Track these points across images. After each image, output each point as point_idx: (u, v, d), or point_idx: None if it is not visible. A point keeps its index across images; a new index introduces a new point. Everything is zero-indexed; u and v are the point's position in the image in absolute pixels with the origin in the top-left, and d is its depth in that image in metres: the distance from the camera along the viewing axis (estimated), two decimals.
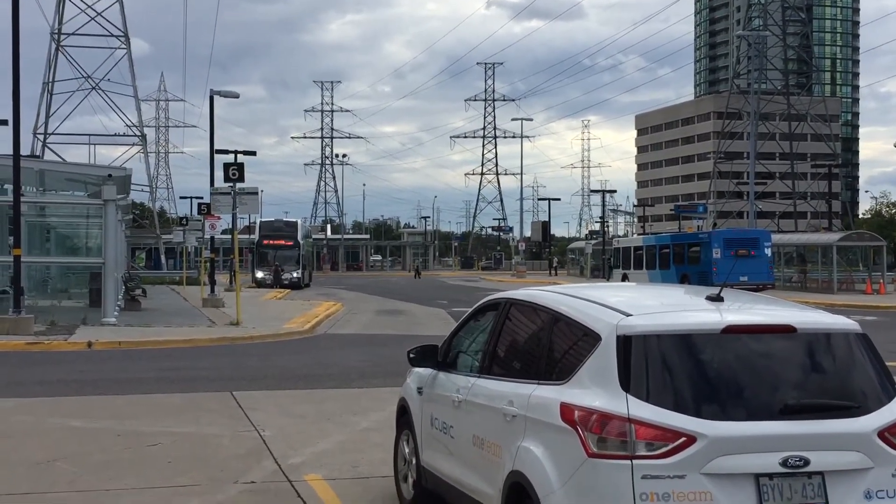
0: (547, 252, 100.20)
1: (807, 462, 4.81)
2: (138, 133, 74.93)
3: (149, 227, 78.78)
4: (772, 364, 5.08)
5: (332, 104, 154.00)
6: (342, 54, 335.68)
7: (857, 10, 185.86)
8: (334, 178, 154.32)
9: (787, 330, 5.19)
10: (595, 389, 5.05)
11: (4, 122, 25.62)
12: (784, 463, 4.79)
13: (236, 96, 38.09)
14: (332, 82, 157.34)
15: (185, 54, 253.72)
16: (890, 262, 52.54)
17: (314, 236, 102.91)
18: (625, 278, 53.89)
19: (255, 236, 61.45)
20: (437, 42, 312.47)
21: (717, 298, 5.52)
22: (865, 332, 5.44)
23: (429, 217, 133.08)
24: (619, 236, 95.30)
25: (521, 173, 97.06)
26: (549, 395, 5.34)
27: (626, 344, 5.03)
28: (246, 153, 39.68)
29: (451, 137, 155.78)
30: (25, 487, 8.49)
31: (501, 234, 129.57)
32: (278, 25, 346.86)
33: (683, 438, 4.74)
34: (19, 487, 8.49)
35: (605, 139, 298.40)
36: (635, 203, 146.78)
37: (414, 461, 7.57)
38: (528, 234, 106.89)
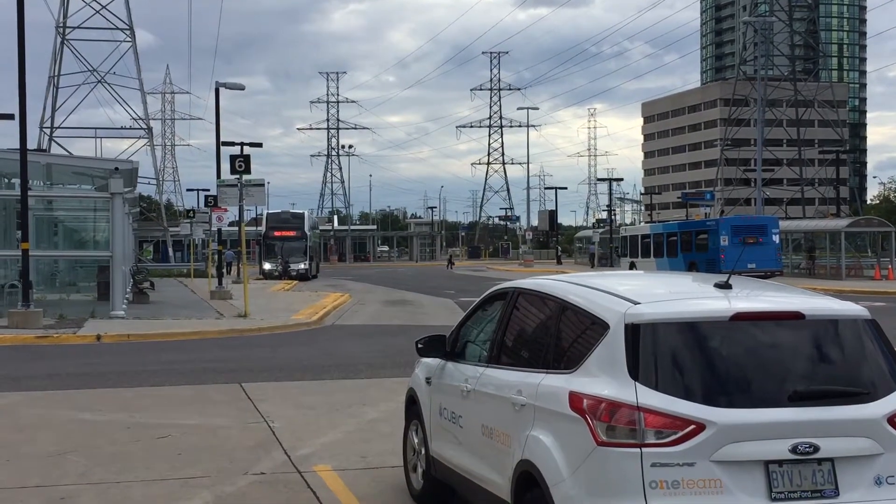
0: (554, 241, 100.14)
1: (816, 448, 4.80)
2: (144, 126, 75.01)
3: (156, 220, 78.85)
4: (780, 351, 5.06)
5: (338, 95, 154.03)
6: (346, 44, 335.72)
7: None
8: (340, 168, 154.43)
9: (795, 317, 5.18)
10: (603, 378, 5.05)
11: (11, 117, 25.65)
12: (794, 450, 4.78)
13: (242, 88, 38.03)
14: (337, 73, 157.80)
15: (189, 46, 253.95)
16: None
17: (321, 227, 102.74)
18: (632, 266, 53.82)
19: (263, 228, 61.52)
20: (442, 31, 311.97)
21: (725, 286, 5.51)
22: (874, 318, 5.43)
23: (435, 207, 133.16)
24: (627, 224, 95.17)
25: (528, 162, 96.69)
26: (558, 384, 5.33)
27: (634, 332, 5.02)
28: (252, 145, 39.69)
29: (456, 127, 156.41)
30: (36, 480, 8.52)
31: (508, 223, 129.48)
32: (281, 15, 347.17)
33: (693, 426, 4.74)
34: (30, 480, 8.52)
35: (611, 127, 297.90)
36: (642, 191, 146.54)
37: (423, 451, 7.58)
38: (535, 223, 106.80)
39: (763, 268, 41.84)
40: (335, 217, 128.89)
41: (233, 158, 27.59)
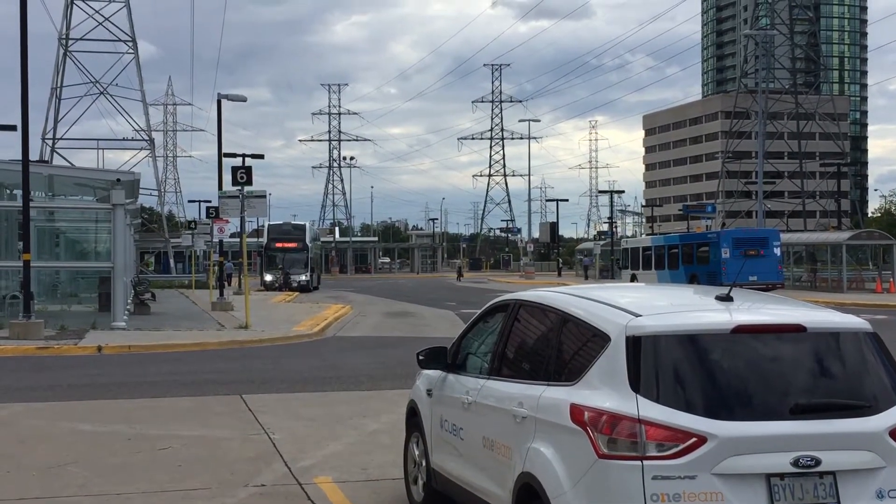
0: (555, 253, 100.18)
1: (818, 462, 4.80)
2: (146, 137, 75.08)
3: (157, 231, 78.88)
4: (782, 364, 5.06)
5: (340, 107, 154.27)
6: (348, 56, 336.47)
7: (864, 9, 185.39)
8: (342, 180, 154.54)
9: (797, 329, 5.18)
10: (605, 390, 5.04)
11: (13, 128, 25.71)
12: (795, 463, 4.78)
13: (244, 100, 38.12)
14: (339, 85, 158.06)
15: (192, 57, 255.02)
16: None
17: (322, 239, 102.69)
18: (633, 279, 53.81)
19: (264, 239, 61.55)
20: (443, 43, 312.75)
21: (726, 298, 5.51)
22: (876, 331, 5.43)
23: (437, 219, 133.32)
24: (628, 237, 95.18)
25: (529, 174, 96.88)
26: (559, 396, 5.33)
27: (635, 344, 5.03)
28: (254, 156, 39.75)
29: (458, 139, 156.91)
30: (37, 492, 8.51)
31: (509, 235, 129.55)
32: (283, 27, 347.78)
33: (694, 439, 4.73)
34: (31, 492, 8.51)
35: (612, 139, 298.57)
36: (643, 203, 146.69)
37: (424, 463, 7.57)
38: (536, 235, 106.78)
39: (764, 280, 41.82)
40: (337, 229, 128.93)
41: (234, 170, 27.61)
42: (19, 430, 11.61)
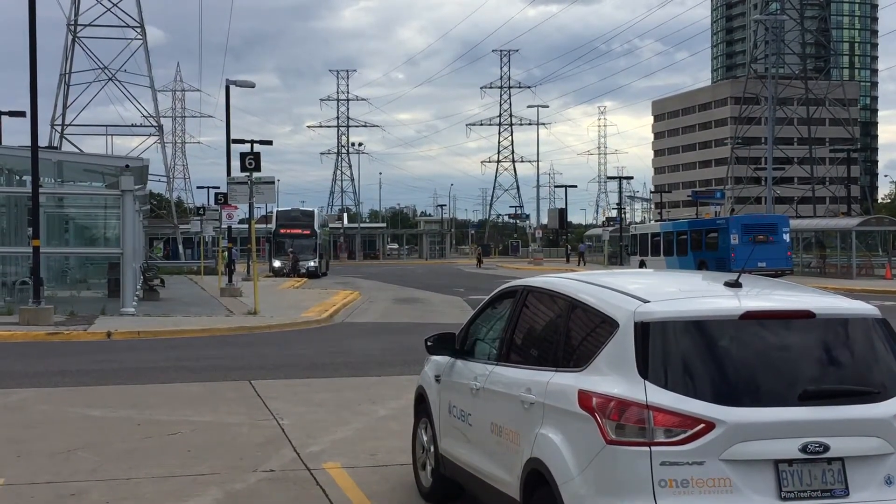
0: (564, 239, 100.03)
1: (826, 448, 4.79)
2: (155, 123, 75.16)
3: (166, 218, 79.01)
4: (790, 350, 5.05)
5: (348, 93, 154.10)
6: (356, 41, 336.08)
7: None
8: (350, 166, 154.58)
9: (805, 315, 5.16)
10: (613, 376, 5.04)
11: (22, 114, 25.76)
12: (804, 449, 4.77)
13: (252, 86, 38.08)
14: (347, 71, 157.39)
15: (200, 43, 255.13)
16: None
17: (331, 225, 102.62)
18: (642, 265, 53.74)
19: (272, 226, 61.59)
20: (451, 29, 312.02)
21: (735, 284, 5.50)
22: (885, 317, 5.41)
23: (445, 205, 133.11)
24: (637, 223, 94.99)
25: (538, 160, 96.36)
26: (567, 382, 5.33)
27: (643, 330, 5.02)
28: (262, 142, 39.72)
29: (466, 125, 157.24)
30: (47, 476, 8.55)
31: (518, 221, 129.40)
32: (291, 12, 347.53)
33: (702, 425, 4.73)
34: (41, 476, 8.55)
35: (621, 125, 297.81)
36: (652, 189, 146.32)
37: (432, 449, 7.59)
38: (544, 221, 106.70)
39: (773, 267, 41.74)
40: (345, 215, 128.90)
41: (243, 156, 27.62)
42: (29, 415, 11.66)
